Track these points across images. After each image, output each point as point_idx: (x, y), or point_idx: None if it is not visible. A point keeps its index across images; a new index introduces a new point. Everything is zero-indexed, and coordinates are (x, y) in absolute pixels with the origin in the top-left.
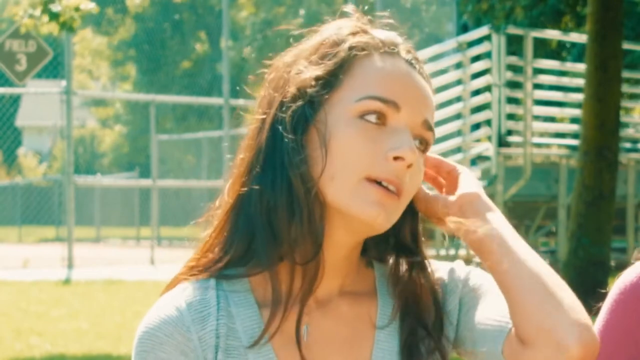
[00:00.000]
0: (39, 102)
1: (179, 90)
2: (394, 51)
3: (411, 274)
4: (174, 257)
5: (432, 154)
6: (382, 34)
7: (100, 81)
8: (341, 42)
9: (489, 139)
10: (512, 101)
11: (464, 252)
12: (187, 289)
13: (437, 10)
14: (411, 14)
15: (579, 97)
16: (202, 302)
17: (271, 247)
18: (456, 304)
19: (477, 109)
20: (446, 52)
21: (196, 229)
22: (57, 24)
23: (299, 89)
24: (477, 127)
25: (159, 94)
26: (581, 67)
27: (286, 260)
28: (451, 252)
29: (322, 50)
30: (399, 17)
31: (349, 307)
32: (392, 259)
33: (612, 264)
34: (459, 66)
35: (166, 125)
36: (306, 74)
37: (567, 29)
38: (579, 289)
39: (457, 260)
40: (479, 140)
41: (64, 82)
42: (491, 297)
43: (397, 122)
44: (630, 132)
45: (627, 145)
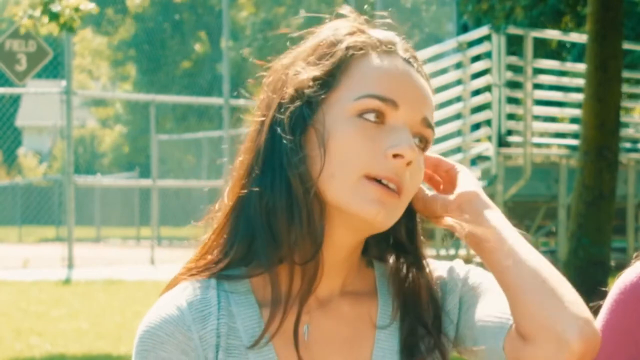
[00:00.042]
0: (39, 102)
1: (179, 90)
2: (392, 50)
3: (411, 273)
4: (174, 257)
5: (431, 153)
6: (379, 34)
7: (100, 81)
8: (338, 42)
9: (489, 139)
10: (512, 101)
11: (464, 252)
12: (188, 288)
13: (437, 10)
14: (411, 14)
15: (579, 97)
16: (203, 302)
17: (271, 249)
18: (456, 302)
19: (477, 109)
20: (446, 52)
21: (196, 229)
22: (57, 24)
23: (297, 89)
24: (477, 127)
25: (159, 94)
26: (581, 67)
27: (286, 261)
28: (451, 252)
29: (319, 51)
30: (399, 17)
31: (350, 307)
32: (392, 259)
33: (612, 264)
34: (459, 66)
35: (166, 125)
36: (304, 74)
37: (567, 29)
38: (579, 289)
39: (456, 259)
40: (479, 140)
41: (64, 82)
42: (491, 295)
43: (395, 120)
44: (630, 132)
45: (627, 145)
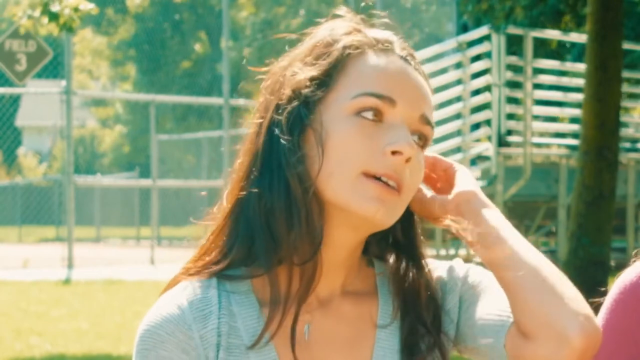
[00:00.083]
0: (39, 102)
1: (179, 90)
2: (389, 48)
3: (411, 273)
4: (174, 257)
5: (430, 153)
6: (376, 33)
7: (100, 81)
8: (335, 42)
9: (489, 138)
10: (512, 101)
11: (464, 251)
12: (189, 288)
13: (437, 10)
14: (411, 14)
15: (579, 97)
16: (203, 301)
17: (270, 250)
18: (456, 301)
19: (477, 109)
20: (446, 52)
21: (196, 230)
22: (56, 24)
23: (294, 90)
24: (477, 127)
25: (159, 94)
26: (581, 67)
27: (285, 262)
28: (451, 251)
29: (316, 51)
30: (399, 17)
31: (351, 307)
32: (392, 258)
33: (612, 263)
34: (459, 66)
35: (166, 125)
36: (301, 75)
37: (567, 29)
38: (579, 288)
39: (456, 258)
40: (478, 140)
41: (64, 82)
42: (491, 293)
43: (393, 117)
44: (630, 132)
45: (627, 145)
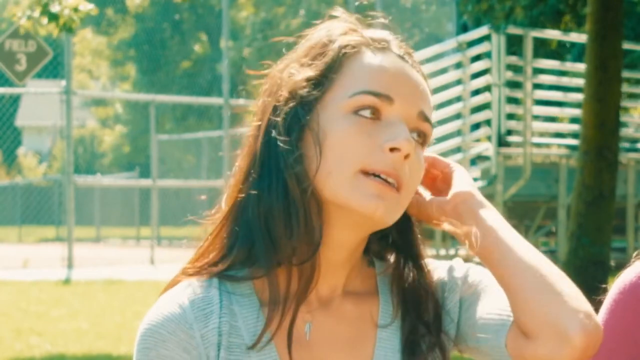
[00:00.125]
0: (38, 102)
1: (179, 90)
2: (385, 47)
3: (411, 273)
4: (174, 257)
5: (430, 153)
6: (372, 32)
7: (100, 81)
8: (331, 42)
9: (489, 138)
10: (512, 101)
11: (463, 251)
12: (190, 287)
13: (437, 10)
14: (411, 14)
15: (579, 97)
16: (204, 300)
17: (270, 252)
18: (456, 301)
19: (477, 109)
20: (446, 52)
21: (196, 230)
22: (56, 25)
23: (291, 91)
24: (477, 127)
25: (159, 94)
26: (581, 67)
27: (284, 262)
28: (451, 251)
29: (312, 52)
30: (399, 17)
31: (352, 307)
32: (392, 259)
33: (612, 263)
34: (458, 66)
35: (166, 125)
36: (297, 76)
37: (567, 29)
38: (579, 288)
39: (456, 258)
40: (478, 140)
41: (63, 82)
42: (491, 292)
43: (391, 115)
44: (630, 132)
45: (627, 145)
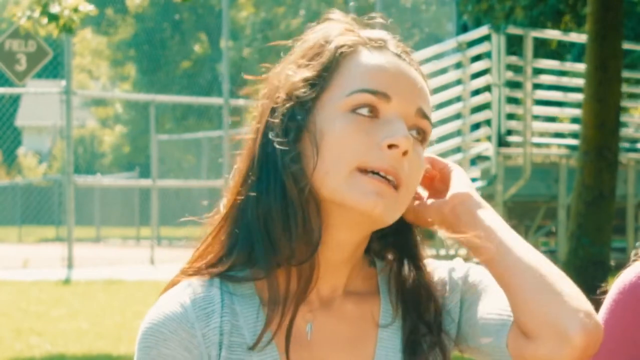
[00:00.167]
0: (38, 102)
1: (179, 90)
2: (382, 45)
3: (412, 273)
4: (174, 257)
5: (429, 153)
6: (369, 32)
7: (100, 81)
8: (327, 42)
9: (489, 138)
10: (512, 101)
11: (464, 251)
12: (191, 286)
13: (437, 10)
14: (411, 14)
15: (579, 97)
16: (206, 299)
17: (269, 254)
18: (457, 301)
19: (477, 109)
20: (446, 52)
21: (195, 230)
22: (55, 25)
23: (288, 93)
24: (477, 127)
25: (159, 94)
26: (581, 67)
27: (284, 263)
28: (451, 251)
29: (309, 53)
30: (399, 17)
31: (353, 307)
32: (393, 259)
33: (612, 263)
34: (458, 66)
35: (166, 125)
36: (295, 77)
37: (567, 29)
38: (579, 288)
39: (456, 258)
40: (478, 140)
41: (63, 82)
42: (491, 292)
43: (389, 113)
44: (630, 132)
45: (627, 145)
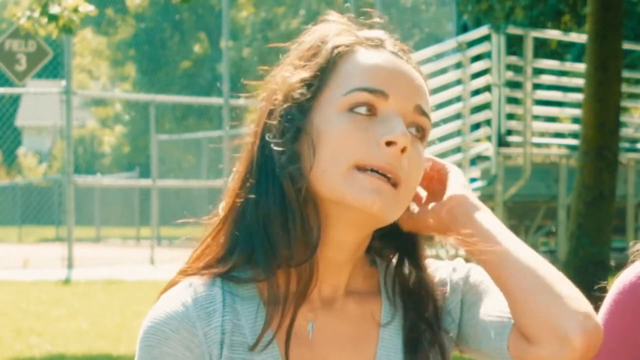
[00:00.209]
0: (38, 102)
1: (178, 90)
2: (379, 44)
3: (412, 273)
4: (174, 257)
5: (430, 154)
6: (366, 32)
7: (100, 81)
8: (324, 43)
9: (489, 138)
10: (512, 101)
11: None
12: (193, 285)
13: (437, 10)
14: (411, 14)
15: (579, 97)
16: (207, 298)
17: (269, 257)
18: (458, 301)
19: (477, 109)
20: (446, 52)
21: (195, 230)
22: (55, 26)
23: (286, 94)
24: (477, 127)
25: (159, 94)
26: (581, 67)
27: (283, 264)
28: (451, 251)
29: (306, 54)
30: (399, 17)
31: (354, 306)
32: (394, 259)
33: (612, 263)
34: (458, 66)
35: (166, 125)
36: (292, 79)
37: (567, 29)
38: (579, 288)
39: (457, 259)
40: (478, 140)
41: (63, 82)
42: (492, 293)
43: (387, 110)
44: (630, 132)
45: (627, 145)
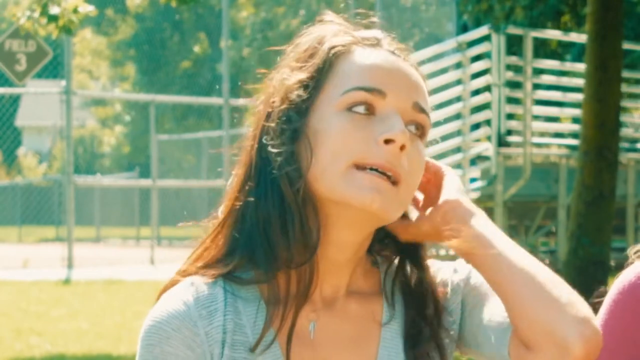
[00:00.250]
0: (38, 102)
1: (178, 90)
2: (376, 43)
3: (414, 274)
4: (174, 257)
5: (429, 153)
6: (363, 32)
7: (100, 81)
8: (321, 44)
9: (489, 138)
10: (512, 101)
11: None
12: (195, 284)
13: (437, 10)
14: (411, 14)
15: (579, 97)
16: (209, 297)
17: (270, 259)
18: (458, 302)
19: (477, 109)
20: (446, 52)
21: (195, 230)
22: (55, 26)
23: (283, 96)
24: (477, 127)
25: (158, 94)
26: (581, 67)
27: (283, 266)
28: (451, 252)
29: (303, 56)
30: (398, 17)
31: (356, 306)
32: (395, 259)
33: (612, 263)
34: (458, 66)
35: (166, 125)
36: (289, 80)
37: (567, 29)
38: (579, 289)
39: (458, 259)
40: (478, 140)
41: (63, 82)
42: (493, 295)
43: (385, 109)
44: (630, 132)
45: (627, 145)
